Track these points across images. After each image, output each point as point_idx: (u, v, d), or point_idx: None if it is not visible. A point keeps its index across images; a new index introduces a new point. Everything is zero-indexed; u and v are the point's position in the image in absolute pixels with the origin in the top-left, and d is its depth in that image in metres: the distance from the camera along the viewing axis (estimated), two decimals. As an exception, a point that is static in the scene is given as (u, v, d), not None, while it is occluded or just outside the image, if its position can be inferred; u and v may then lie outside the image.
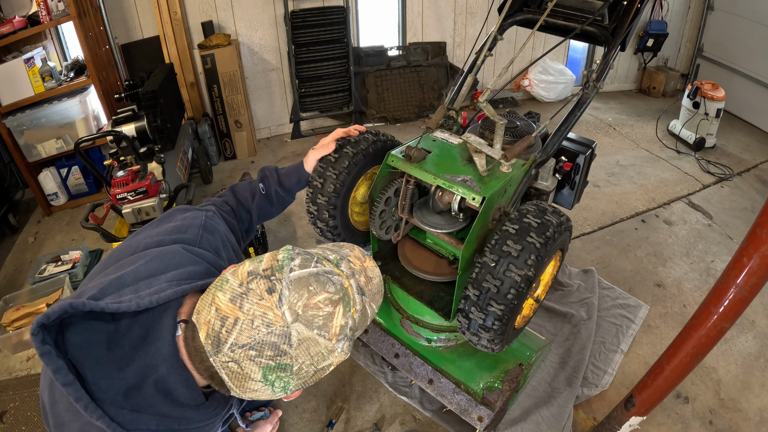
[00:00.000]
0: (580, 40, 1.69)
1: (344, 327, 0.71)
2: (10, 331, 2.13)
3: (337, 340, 0.70)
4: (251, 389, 0.68)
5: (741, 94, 4.21)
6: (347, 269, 0.80)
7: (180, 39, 3.37)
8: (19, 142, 2.93)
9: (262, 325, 0.66)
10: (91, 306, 0.70)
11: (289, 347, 0.66)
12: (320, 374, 0.71)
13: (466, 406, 1.59)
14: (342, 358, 0.72)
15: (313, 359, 0.68)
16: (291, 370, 0.67)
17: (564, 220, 1.28)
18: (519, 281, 1.15)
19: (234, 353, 0.66)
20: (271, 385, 0.68)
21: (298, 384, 0.69)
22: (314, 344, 0.68)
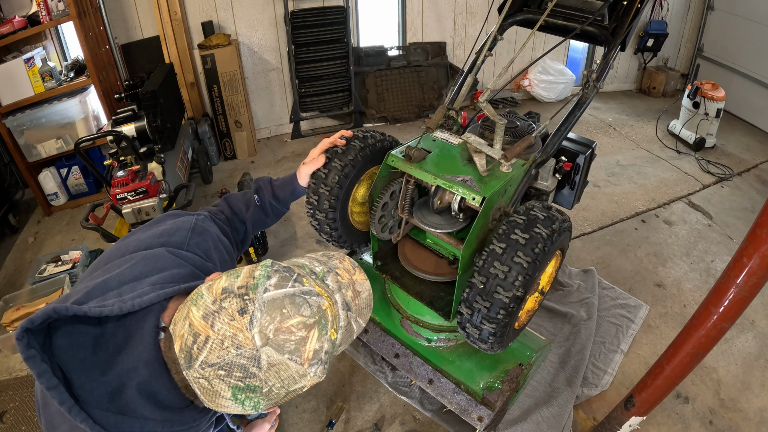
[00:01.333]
0: (580, 40, 1.69)
1: (318, 351, 0.69)
2: (10, 331, 2.13)
3: (309, 365, 0.68)
4: (222, 405, 0.68)
5: (741, 94, 4.21)
6: (334, 283, 0.78)
7: (180, 39, 3.37)
8: (19, 142, 2.93)
9: (231, 347, 0.65)
10: (74, 310, 0.70)
11: (259, 370, 0.65)
12: (293, 395, 0.70)
13: (466, 406, 1.59)
14: (315, 381, 0.70)
15: (284, 382, 0.67)
16: (261, 392, 0.66)
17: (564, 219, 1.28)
18: (508, 301, 1.16)
19: (204, 371, 0.66)
20: (242, 404, 0.67)
21: (269, 404, 0.68)
22: (285, 368, 0.66)
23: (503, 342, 1.31)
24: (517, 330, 1.41)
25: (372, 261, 1.66)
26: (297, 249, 2.73)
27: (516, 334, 1.42)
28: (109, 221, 2.64)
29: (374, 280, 1.90)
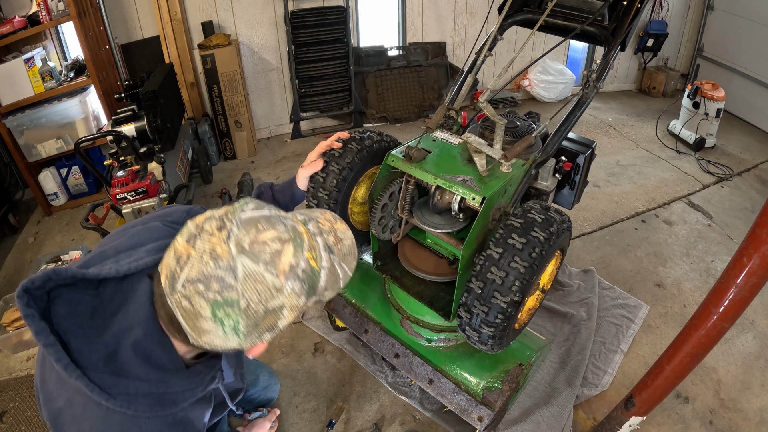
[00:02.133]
0: (580, 40, 1.69)
1: (294, 267, 0.69)
2: (10, 331, 2.13)
3: (286, 278, 0.68)
4: (204, 330, 0.68)
5: (741, 94, 4.21)
6: (315, 228, 0.79)
7: (180, 39, 3.37)
8: (19, 142, 2.93)
9: (210, 259, 0.66)
10: (72, 272, 0.75)
11: (235, 281, 0.65)
12: (272, 318, 0.69)
13: (466, 406, 1.59)
14: (294, 301, 0.70)
15: (261, 296, 0.67)
16: (238, 307, 0.66)
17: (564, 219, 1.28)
18: (506, 306, 1.16)
19: (185, 289, 0.66)
20: (221, 324, 0.67)
21: (249, 325, 0.68)
22: (261, 279, 0.67)
23: (503, 343, 1.31)
24: (518, 330, 1.41)
25: (372, 261, 1.66)
26: (297, 249, 2.73)
27: (516, 334, 1.42)
28: (109, 221, 2.64)
29: (374, 280, 1.90)
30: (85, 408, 0.76)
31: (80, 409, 0.77)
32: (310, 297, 0.73)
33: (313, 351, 2.12)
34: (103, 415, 0.75)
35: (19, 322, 2.16)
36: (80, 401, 0.77)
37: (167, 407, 0.79)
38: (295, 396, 1.92)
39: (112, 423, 0.76)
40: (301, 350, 2.12)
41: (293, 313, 0.72)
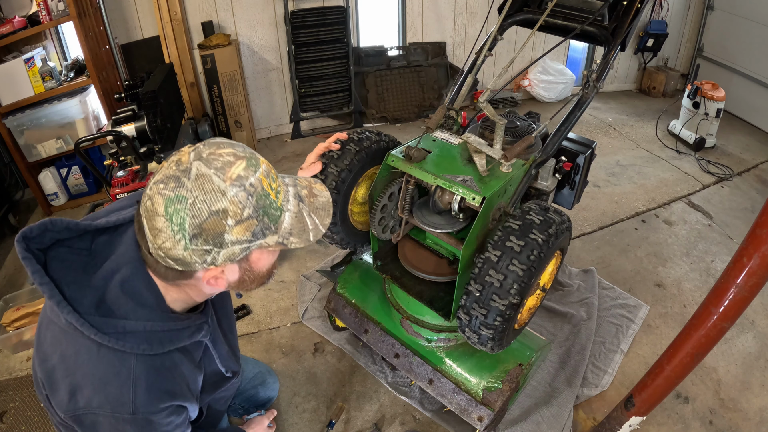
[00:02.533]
0: (580, 40, 1.69)
1: (242, 178, 0.75)
2: (10, 331, 2.13)
3: (231, 184, 0.74)
4: (157, 229, 0.74)
5: (741, 94, 4.21)
6: (290, 180, 0.87)
7: (180, 39, 3.36)
8: (19, 142, 2.93)
9: (173, 164, 0.75)
10: (66, 222, 0.82)
11: (188, 180, 0.73)
12: (214, 220, 0.74)
13: (466, 406, 1.59)
14: (237, 210, 0.75)
15: (206, 197, 0.73)
16: (186, 203, 0.72)
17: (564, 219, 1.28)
18: (504, 309, 1.16)
19: (151, 190, 0.75)
20: (170, 221, 0.73)
21: (194, 225, 0.73)
22: (209, 181, 0.73)
23: (503, 343, 1.31)
24: (518, 330, 1.41)
25: (372, 261, 1.66)
26: (297, 249, 2.73)
27: (516, 334, 1.42)
28: (109, 221, 2.63)
29: (374, 280, 1.90)
30: (76, 357, 0.80)
31: (72, 360, 0.81)
32: (261, 220, 0.78)
33: (313, 351, 2.12)
34: (94, 358, 0.79)
35: (19, 323, 2.16)
36: (72, 352, 0.81)
37: (155, 346, 0.82)
38: (295, 396, 1.92)
39: (103, 364, 0.80)
40: (301, 350, 2.12)
41: (240, 228, 0.76)
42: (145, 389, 0.81)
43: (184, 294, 0.88)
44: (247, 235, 0.78)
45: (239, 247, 0.78)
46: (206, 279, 0.81)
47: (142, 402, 0.81)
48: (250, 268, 0.85)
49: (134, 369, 0.80)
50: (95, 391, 0.79)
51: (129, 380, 0.80)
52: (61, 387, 0.81)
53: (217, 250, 0.76)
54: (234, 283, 0.86)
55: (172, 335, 0.85)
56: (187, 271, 0.80)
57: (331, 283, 2.32)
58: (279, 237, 0.83)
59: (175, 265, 0.78)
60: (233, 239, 0.76)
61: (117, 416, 0.80)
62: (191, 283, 0.84)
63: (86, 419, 0.81)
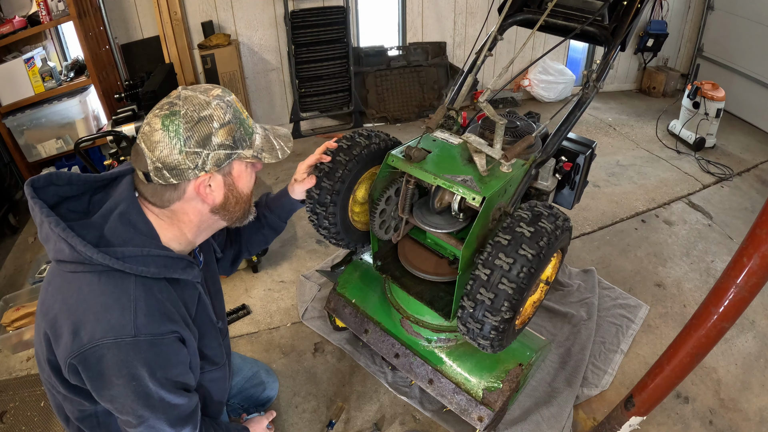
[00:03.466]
0: (580, 40, 1.69)
1: (221, 96, 0.92)
2: (10, 331, 2.13)
3: (213, 98, 0.90)
4: (155, 142, 0.86)
5: (741, 94, 4.21)
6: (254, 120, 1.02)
7: (180, 39, 3.36)
8: (19, 142, 2.93)
9: (165, 98, 0.91)
10: (69, 175, 0.92)
11: (178, 100, 0.89)
12: (203, 124, 0.88)
13: (466, 406, 1.59)
14: (221, 114, 0.90)
15: (195, 107, 0.88)
16: (179, 115, 0.87)
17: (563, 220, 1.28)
18: (512, 293, 1.16)
19: (147, 118, 0.89)
20: (167, 129, 0.86)
21: (187, 128, 0.86)
22: (196, 98, 0.89)
23: (503, 343, 1.31)
24: (518, 330, 1.41)
25: (372, 261, 1.66)
26: (297, 249, 2.73)
27: (516, 334, 1.42)
28: (109, 221, 2.63)
29: (374, 280, 1.90)
30: (78, 294, 0.85)
31: (74, 299, 0.85)
32: (239, 128, 0.93)
33: (313, 351, 2.12)
34: (95, 288, 0.85)
35: (19, 323, 2.16)
36: (74, 291, 0.86)
37: (152, 268, 0.88)
38: (295, 396, 1.92)
39: (104, 292, 0.85)
40: (301, 350, 2.12)
41: (224, 131, 0.90)
42: (145, 310, 0.85)
43: (177, 230, 0.96)
44: (229, 140, 0.91)
45: (224, 152, 0.91)
46: (197, 188, 0.91)
47: (142, 323, 0.84)
48: (233, 183, 0.97)
49: (134, 291, 0.85)
50: (97, 321, 0.82)
51: (129, 302, 0.84)
52: (65, 330, 0.84)
53: (206, 152, 0.89)
54: (220, 202, 0.96)
55: (168, 261, 0.92)
56: (181, 184, 0.90)
57: (331, 283, 2.32)
58: (254, 151, 0.97)
59: (170, 177, 0.88)
60: (219, 142, 0.90)
61: (119, 342, 0.82)
62: (184, 207, 0.94)
63: (91, 356, 0.83)
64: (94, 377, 0.85)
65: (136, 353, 0.84)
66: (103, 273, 0.85)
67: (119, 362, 0.83)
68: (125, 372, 0.84)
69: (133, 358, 0.84)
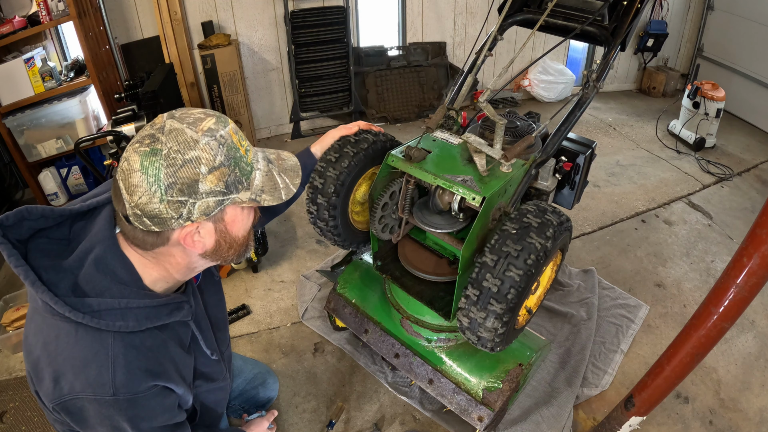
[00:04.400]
0: (580, 40, 1.69)
1: (213, 130, 0.80)
2: (10, 331, 2.13)
3: (203, 134, 0.78)
4: (133, 185, 0.76)
5: (741, 94, 4.21)
6: (258, 149, 0.91)
7: (180, 39, 3.36)
8: (19, 142, 2.93)
9: (148, 126, 0.80)
10: (42, 209, 0.83)
11: (162, 134, 0.77)
12: (189, 168, 0.76)
13: (466, 406, 1.59)
14: (209, 157, 0.78)
15: (180, 146, 0.76)
16: (161, 155, 0.75)
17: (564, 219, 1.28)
18: (518, 280, 1.15)
19: (127, 152, 0.77)
20: (146, 173, 0.75)
21: (169, 174, 0.75)
22: (182, 134, 0.77)
23: (503, 343, 1.31)
24: (518, 330, 1.41)
25: (372, 261, 1.66)
26: (297, 249, 2.73)
27: (517, 334, 1.42)
28: (109, 221, 2.63)
29: (374, 280, 1.90)
30: (57, 342, 0.80)
31: (53, 346, 0.81)
32: (233, 170, 0.81)
33: (313, 351, 2.12)
34: (72, 341, 0.79)
35: (19, 323, 2.16)
36: (52, 338, 0.81)
37: (131, 323, 0.81)
38: (295, 396, 1.92)
39: (82, 346, 0.79)
40: (301, 350, 2.12)
41: (213, 177, 0.79)
42: (124, 368, 0.80)
43: (164, 270, 0.87)
44: (220, 186, 0.80)
45: (214, 200, 0.80)
46: (182, 238, 0.82)
47: (121, 382, 0.79)
48: (226, 229, 0.86)
49: (112, 348, 0.80)
50: (76, 375, 0.79)
51: (107, 360, 0.79)
52: (46, 376, 0.81)
53: (192, 201, 0.78)
54: (211, 248, 0.86)
55: (149, 312, 0.84)
56: (164, 232, 0.81)
57: (331, 283, 2.32)
58: (252, 194, 0.85)
59: (151, 225, 0.79)
60: (207, 189, 0.79)
61: (99, 399, 0.79)
62: (169, 251, 0.85)
63: (72, 406, 0.81)
64: (77, 421, 0.83)
65: (117, 410, 0.81)
66: (80, 326, 0.79)
67: (100, 415, 0.81)
68: (108, 423, 0.82)
69: (114, 414, 0.81)
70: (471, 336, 1.29)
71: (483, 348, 1.33)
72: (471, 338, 1.30)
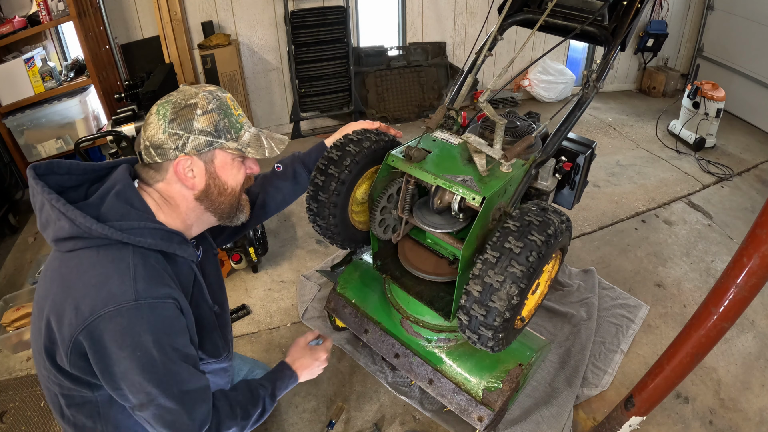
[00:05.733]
0: (580, 40, 1.69)
1: (213, 91, 0.98)
2: (10, 331, 2.13)
3: (204, 91, 0.97)
4: (149, 123, 0.94)
5: (741, 94, 4.21)
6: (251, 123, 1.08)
7: (180, 39, 3.36)
8: (19, 142, 2.93)
9: (167, 95, 0.98)
10: (69, 164, 0.96)
11: (175, 92, 0.97)
12: (187, 110, 0.94)
13: (466, 406, 1.59)
14: (204, 103, 0.95)
15: (185, 95, 0.95)
16: (171, 102, 0.95)
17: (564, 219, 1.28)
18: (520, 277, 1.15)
19: (152, 108, 0.96)
20: (158, 112, 0.94)
21: (173, 112, 0.93)
22: (188, 90, 0.97)
23: (503, 343, 1.31)
24: (518, 329, 1.41)
25: (372, 261, 1.66)
26: (297, 249, 2.73)
27: (517, 334, 1.42)
28: (109, 221, 2.63)
29: (374, 280, 1.90)
30: (78, 271, 0.87)
31: (73, 276, 0.87)
32: (222, 119, 0.96)
33: (313, 351, 2.12)
34: (94, 261, 0.87)
35: (19, 323, 2.16)
36: (72, 268, 0.88)
37: (148, 239, 0.91)
38: (295, 396, 1.92)
39: (103, 264, 0.87)
40: (301, 350, 2.12)
41: (205, 118, 0.94)
42: (144, 274, 0.87)
43: (170, 213, 0.99)
44: (210, 127, 0.95)
45: (204, 139, 0.94)
46: (177, 170, 0.95)
47: (142, 287, 0.86)
48: (215, 172, 0.99)
49: (132, 259, 0.88)
50: (98, 292, 0.84)
51: (128, 269, 0.87)
52: (66, 308, 0.85)
53: (186, 135, 0.93)
54: (202, 188, 0.98)
55: (164, 234, 0.94)
56: (163, 164, 0.95)
57: (331, 283, 2.32)
58: (239, 144, 0.99)
59: (155, 155, 0.93)
60: (200, 127, 0.94)
61: (121, 308, 0.83)
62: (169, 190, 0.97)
63: (95, 329, 0.83)
64: (99, 353, 0.84)
65: (139, 318, 0.85)
66: (102, 247, 0.88)
67: (122, 331, 0.83)
68: (129, 341, 0.84)
69: (135, 324, 0.84)
70: (471, 334, 1.29)
71: (483, 347, 1.32)
72: (471, 337, 1.30)
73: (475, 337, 1.29)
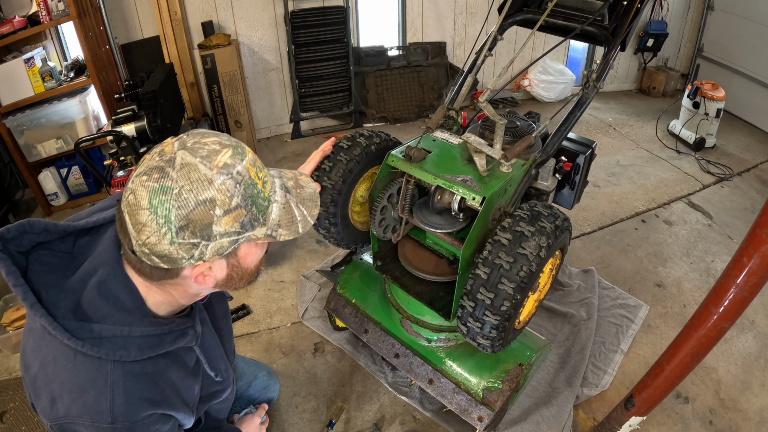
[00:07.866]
0: (580, 40, 1.69)
1: (229, 166, 0.73)
2: (10, 331, 2.13)
3: (218, 172, 0.72)
4: (141, 224, 0.70)
5: (741, 94, 4.21)
6: (275, 172, 0.86)
7: (180, 39, 3.36)
8: (19, 142, 2.93)
9: (156, 155, 0.72)
10: (45, 224, 0.79)
11: (172, 170, 0.70)
12: (202, 210, 0.71)
13: (466, 406, 1.59)
14: (225, 198, 0.72)
15: (193, 185, 0.70)
16: (172, 194, 0.69)
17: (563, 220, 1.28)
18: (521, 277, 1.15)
19: (133, 183, 0.71)
20: (155, 213, 0.69)
21: (180, 217, 0.70)
22: (195, 170, 0.71)
23: (503, 343, 1.31)
24: (518, 329, 1.41)
25: (372, 261, 1.66)
26: (297, 249, 2.73)
27: (517, 334, 1.42)
28: (109, 221, 2.63)
29: (374, 280, 1.90)
30: (55, 364, 0.78)
31: (51, 367, 0.78)
32: (249, 210, 0.76)
33: (313, 351, 2.12)
34: (70, 366, 0.77)
35: (19, 323, 2.16)
36: (50, 358, 0.78)
37: (132, 352, 0.78)
38: (295, 396, 1.92)
39: (80, 372, 0.77)
40: (301, 350, 2.12)
41: (228, 219, 0.73)
42: (123, 397, 0.77)
43: (168, 296, 0.84)
44: (235, 227, 0.75)
45: (228, 240, 0.75)
46: (194, 276, 0.78)
47: (120, 410, 0.77)
48: (239, 263, 0.82)
49: (111, 376, 0.77)
50: (73, 400, 0.77)
51: (106, 388, 0.76)
52: (43, 394, 0.79)
53: (205, 243, 0.73)
54: (222, 280, 0.82)
55: (152, 341, 0.81)
56: (174, 269, 0.76)
57: (331, 283, 2.32)
58: (268, 229, 0.81)
59: (160, 262, 0.74)
60: (222, 231, 0.74)
61: (96, 425, 0.77)
62: (177, 282, 0.80)
63: (68, 428, 0.79)
64: None
65: None
66: (79, 351, 0.76)
67: None
68: None
69: None
70: (470, 341, 1.30)
71: (482, 350, 1.33)
72: (470, 342, 1.31)
73: (474, 344, 1.29)
